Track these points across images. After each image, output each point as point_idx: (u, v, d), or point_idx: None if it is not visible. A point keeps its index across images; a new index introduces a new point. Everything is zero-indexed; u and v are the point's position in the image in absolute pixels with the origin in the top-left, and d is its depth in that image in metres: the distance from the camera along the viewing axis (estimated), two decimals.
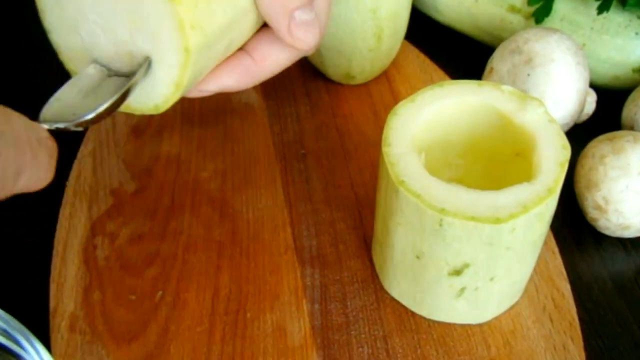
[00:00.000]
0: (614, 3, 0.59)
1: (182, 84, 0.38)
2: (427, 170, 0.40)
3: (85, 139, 0.57)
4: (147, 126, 0.59)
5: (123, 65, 0.38)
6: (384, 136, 0.41)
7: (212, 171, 0.54)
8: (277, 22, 0.41)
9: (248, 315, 0.45)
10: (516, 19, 0.65)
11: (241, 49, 0.43)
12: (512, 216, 0.37)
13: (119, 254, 0.49)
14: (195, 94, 0.43)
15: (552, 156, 0.40)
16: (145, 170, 0.55)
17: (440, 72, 0.64)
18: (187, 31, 0.35)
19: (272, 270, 0.48)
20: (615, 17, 0.61)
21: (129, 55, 0.38)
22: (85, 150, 0.57)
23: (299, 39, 0.41)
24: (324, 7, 0.43)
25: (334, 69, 0.60)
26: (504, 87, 0.44)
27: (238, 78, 0.43)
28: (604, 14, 0.60)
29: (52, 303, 0.46)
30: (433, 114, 0.43)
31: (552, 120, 0.42)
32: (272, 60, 0.43)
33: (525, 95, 0.43)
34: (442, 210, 0.37)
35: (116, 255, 0.49)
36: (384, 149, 0.41)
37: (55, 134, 0.41)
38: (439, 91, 0.44)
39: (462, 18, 0.69)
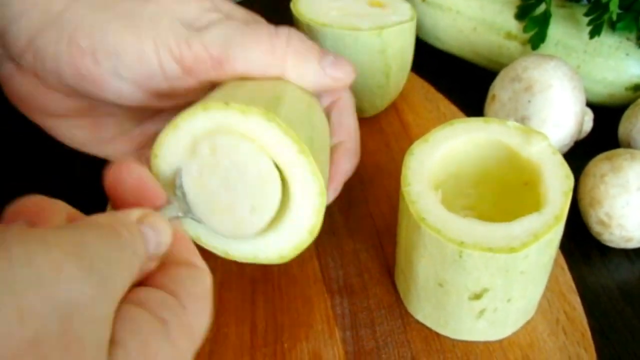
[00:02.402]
0: (605, 27, 0.63)
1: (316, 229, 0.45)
2: (443, 201, 0.44)
3: None
4: None
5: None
6: (402, 176, 0.45)
7: None
8: (320, 80, 0.47)
9: (285, 345, 0.48)
10: (513, 45, 0.69)
11: None
12: (525, 245, 0.41)
13: None
14: None
15: (557, 186, 0.44)
16: None
17: (445, 101, 0.67)
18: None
19: (303, 301, 0.51)
20: (607, 39, 0.64)
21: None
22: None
23: (341, 79, 0.48)
24: None
25: None
26: (509, 122, 0.48)
27: None
28: (596, 38, 0.63)
29: None
30: (446, 152, 0.47)
31: (555, 152, 0.46)
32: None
33: (529, 130, 0.47)
34: (461, 244, 0.41)
35: None
36: (404, 189, 0.44)
37: (84, 186, 0.45)
38: (450, 130, 0.48)
39: (462, 45, 0.73)
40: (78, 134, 0.50)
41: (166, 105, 0.48)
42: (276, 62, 0.45)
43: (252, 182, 0.42)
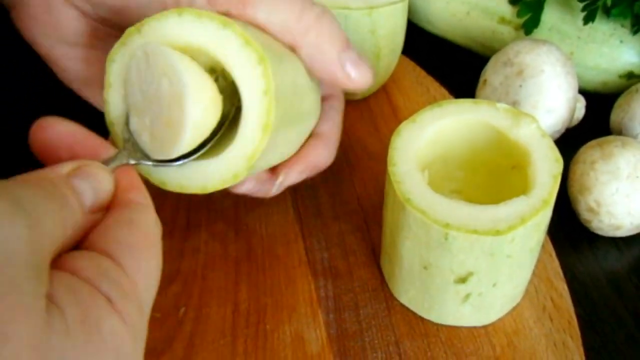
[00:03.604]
0: (599, 13, 0.62)
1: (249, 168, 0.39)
2: (430, 184, 0.43)
3: None
4: None
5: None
6: (389, 156, 0.44)
7: (224, 189, 0.57)
8: (333, 70, 0.44)
9: (267, 327, 0.48)
10: (506, 30, 0.68)
11: None
12: (511, 228, 0.40)
13: None
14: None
15: (546, 169, 0.43)
16: (160, 192, 0.57)
17: (435, 84, 0.67)
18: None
19: (287, 283, 0.51)
20: (601, 26, 0.64)
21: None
22: None
23: (355, 79, 0.44)
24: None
25: None
26: (499, 104, 0.47)
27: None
28: (590, 24, 0.63)
29: None
30: (434, 133, 0.46)
31: (544, 135, 0.45)
32: None
33: (519, 112, 0.46)
34: (447, 225, 0.40)
35: None
36: (390, 169, 0.43)
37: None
38: (439, 111, 0.47)
39: (455, 30, 0.72)
40: (85, 69, 0.47)
41: None
42: (297, 30, 0.43)
43: (166, 76, 0.37)
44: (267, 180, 0.47)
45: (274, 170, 0.47)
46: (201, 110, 0.37)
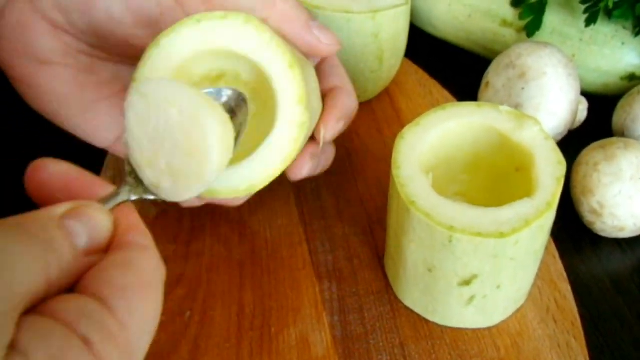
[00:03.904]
0: (601, 15, 0.62)
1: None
2: (434, 187, 0.43)
3: (104, 167, 0.60)
4: None
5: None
6: (393, 159, 0.44)
7: None
8: (303, 35, 0.46)
9: (273, 329, 0.48)
10: (508, 33, 0.68)
11: None
12: (515, 230, 0.40)
13: None
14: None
15: (549, 171, 0.43)
16: None
17: (438, 87, 0.67)
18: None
19: (292, 285, 0.51)
20: (603, 28, 0.64)
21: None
22: (105, 177, 0.59)
23: (326, 43, 0.47)
24: None
25: None
26: (502, 107, 0.47)
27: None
28: (592, 26, 0.63)
29: None
30: (437, 136, 0.46)
31: (547, 138, 0.45)
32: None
33: (522, 115, 0.46)
34: (451, 228, 0.40)
35: None
36: (394, 172, 0.44)
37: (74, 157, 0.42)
38: (442, 114, 0.47)
39: (457, 33, 0.72)
40: (59, 87, 0.46)
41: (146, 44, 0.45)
42: (265, 4, 0.44)
43: (172, 104, 0.35)
44: (318, 151, 0.48)
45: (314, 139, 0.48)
46: (219, 122, 0.36)
